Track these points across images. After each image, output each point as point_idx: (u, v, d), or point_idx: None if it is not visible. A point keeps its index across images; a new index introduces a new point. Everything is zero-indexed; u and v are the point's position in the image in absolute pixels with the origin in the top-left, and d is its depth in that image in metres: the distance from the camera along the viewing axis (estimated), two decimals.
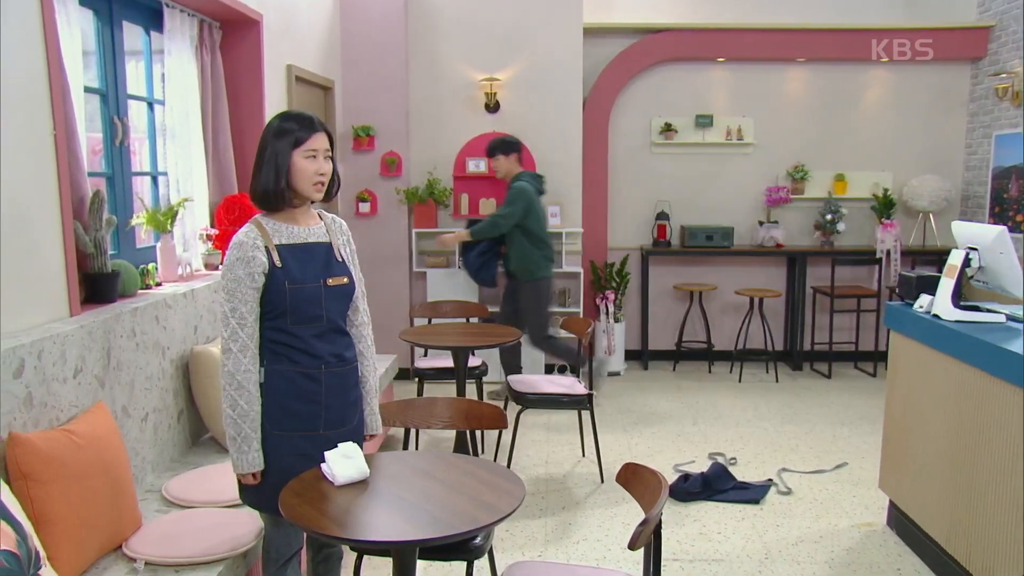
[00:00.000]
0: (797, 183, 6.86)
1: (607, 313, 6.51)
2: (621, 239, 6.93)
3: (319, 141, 2.38)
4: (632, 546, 1.99)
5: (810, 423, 5.45)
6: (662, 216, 6.77)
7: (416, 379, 5.00)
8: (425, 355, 5.26)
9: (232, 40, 4.44)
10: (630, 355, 6.95)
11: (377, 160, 6.27)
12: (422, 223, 6.35)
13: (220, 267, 2.29)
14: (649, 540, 2.11)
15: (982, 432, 3.03)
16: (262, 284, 2.33)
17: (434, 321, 5.23)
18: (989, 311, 3.38)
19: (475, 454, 4.39)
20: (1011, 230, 6.20)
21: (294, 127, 2.36)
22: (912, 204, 6.74)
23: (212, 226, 4.14)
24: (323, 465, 2.35)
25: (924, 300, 3.60)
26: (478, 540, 2.67)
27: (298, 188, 2.37)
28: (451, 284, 6.32)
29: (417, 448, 4.85)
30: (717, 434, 5.22)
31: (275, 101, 4.78)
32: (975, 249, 3.41)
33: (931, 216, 6.82)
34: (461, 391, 4.47)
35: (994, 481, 2.94)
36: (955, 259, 3.43)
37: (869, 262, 6.61)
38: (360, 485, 2.31)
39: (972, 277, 3.49)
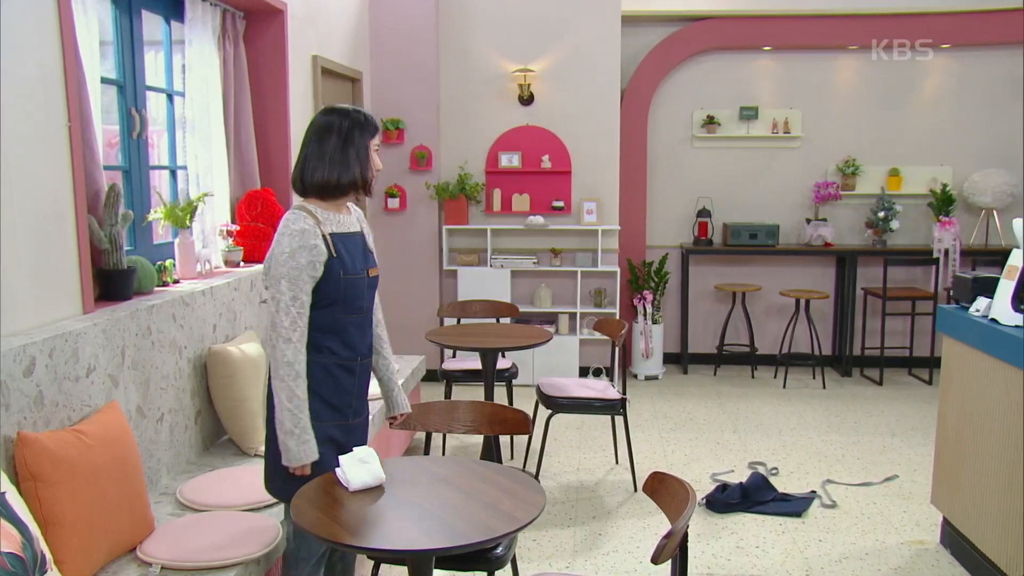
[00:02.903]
0: (847, 179, 6.72)
1: (645, 314, 6.44)
2: (660, 237, 6.86)
3: (379, 136, 2.59)
4: (655, 560, 1.94)
5: (858, 433, 5.33)
6: (703, 213, 6.69)
7: (444, 381, 4.99)
8: (454, 356, 5.25)
9: (256, 30, 4.47)
10: (669, 358, 6.88)
11: (407, 154, 6.28)
12: (453, 219, 6.35)
13: (270, 254, 2.40)
14: (675, 554, 2.07)
15: None
16: (320, 273, 2.41)
17: (463, 321, 5.22)
18: None
19: (501, 459, 4.37)
20: None
21: (367, 121, 2.53)
22: (973, 200, 6.57)
23: (233, 222, 4.18)
24: (337, 470, 2.35)
25: (981, 303, 3.49)
26: (499, 550, 2.64)
27: (368, 180, 2.55)
28: (483, 283, 6.30)
29: (444, 454, 4.84)
30: (758, 443, 5.13)
31: (300, 93, 4.81)
32: None
33: (994, 213, 6.64)
34: (489, 394, 4.45)
35: None
36: (1016, 259, 3.32)
37: (925, 262, 6.46)
38: (375, 491, 2.30)
39: None
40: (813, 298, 6.44)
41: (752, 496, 4.21)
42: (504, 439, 5.10)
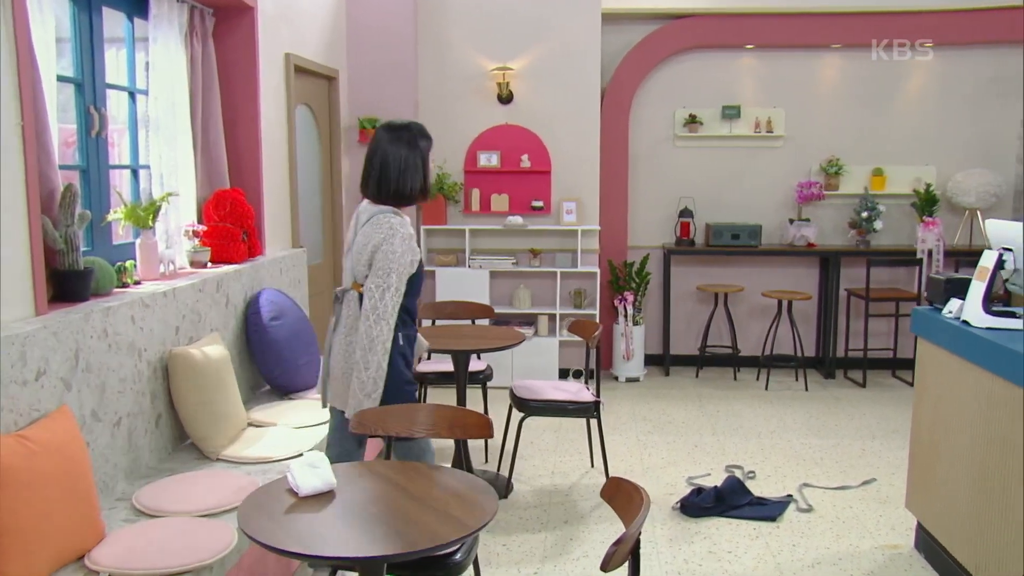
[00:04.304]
0: (831, 178, 6.73)
1: (626, 315, 6.44)
2: (641, 237, 6.86)
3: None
4: (604, 567, 1.93)
5: (838, 436, 5.34)
6: (685, 213, 6.69)
7: (417, 383, 4.97)
8: (428, 358, 5.23)
9: (226, 28, 4.44)
10: (651, 360, 6.87)
11: None
12: (431, 219, 6.34)
13: (383, 251, 3.00)
14: (625, 561, 2.06)
15: (1013, 451, 2.93)
16: (415, 270, 3.05)
17: (438, 322, 5.21)
18: None
19: (469, 463, 4.38)
20: None
21: (426, 133, 3.12)
22: (957, 200, 6.59)
23: (199, 222, 4.16)
24: (288, 475, 2.33)
25: (954, 305, 3.49)
26: (458, 556, 2.63)
27: (430, 187, 3.18)
28: (461, 284, 6.29)
29: None
30: (736, 446, 5.13)
31: (272, 92, 4.79)
32: (1010, 250, 3.30)
33: (978, 213, 6.65)
34: (461, 397, 4.44)
35: None
36: (987, 260, 3.32)
37: (909, 263, 6.47)
38: (325, 496, 2.29)
39: (1008, 280, 3.38)
40: (795, 299, 6.44)
41: (727, 500, 4.20)
42: (478, 442, 5.09)
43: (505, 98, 6.31)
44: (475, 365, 4.91)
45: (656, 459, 4.91)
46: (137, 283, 3.46)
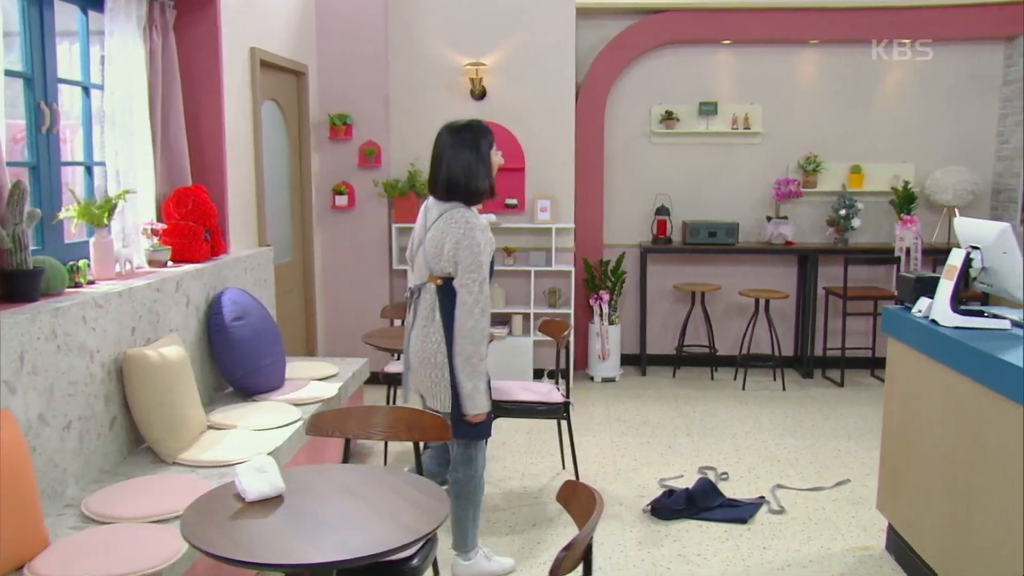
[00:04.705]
0: (809, 175, 6.74)
1: (601, 315, 6.43)
2: (618, 235, 6.85)
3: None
4: (553, 574, 1.91)
5: (814, 436, 5.35)
6: (662, 211, 6.68)
7: (386, 384, 4.95)
8: (397, 359, 5.20)
9: (188, 21, 4.40)
10: (627, 360, 6.87)
11: (355, 150, 6.22)
12: (403, 217, 6.30)
13: (466, 246, 3.17)
14: (577, 566, 2.04)
15: (979, 452, 2.93)
16: (490, 260, 3.25)
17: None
18: (995, 316, 3.27)
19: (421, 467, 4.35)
20: None
21: (489, 132, 3.31)
22: (935, 198, 6.61)
23: (159, 220, 4.11)
24: (235, 479, 2.30)
25: (923, 304, 3.49)
26: (414, 561, 2.61)
27: (493, 184, 3.31)
28: None
29: (386, 461, 4.80)
30: (711, 446, 5.13)
31: (237, 87, 4.75)
32: (977, 248, 3.31)
33: (956, 211, 6.67)
34: None
35: (993, 507, 2.83)
36: (955, 259, 3.32)
37: (886, 261, 6.49)
38: (273, 502, 2.26)
39: (975, 279, 3.39)
40: (773, 298, 6.45)
41: (698, 502, 4.20)
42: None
43: (478, 94, 6.28)
44: None
45: (629, 460, 4.90)
46: (91, 283, 3.41)
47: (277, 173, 5.62)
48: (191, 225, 4.16)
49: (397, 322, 5.32)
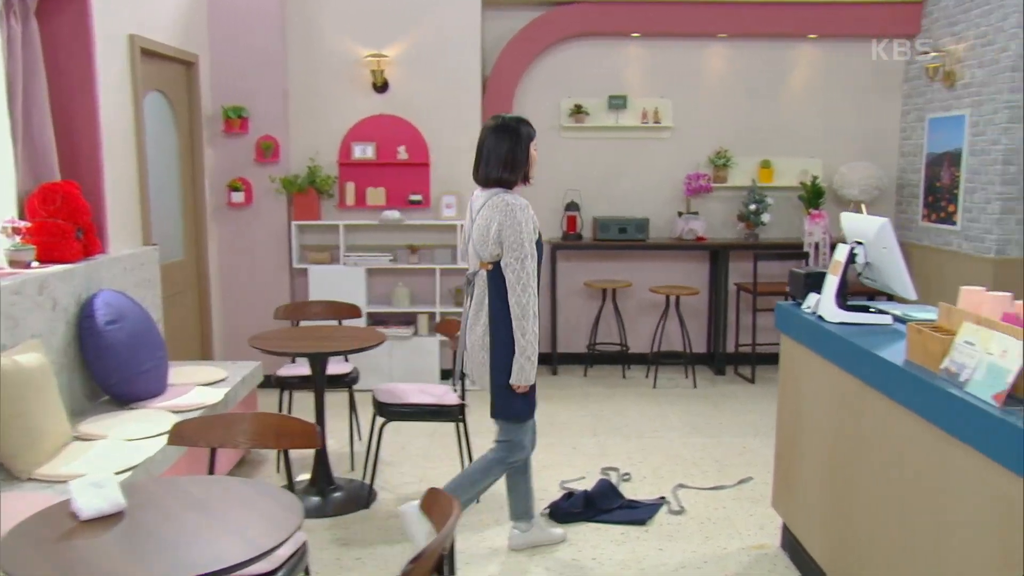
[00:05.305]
0: (719, 171, 6.82)
1: None
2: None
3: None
4: None
5: (721, 434, 5.40)
6: (572, 207, 6.68)
7: (278, 388, 4.83)
8: (293, 362, 5.08)
9: (53, 5, 4.19)
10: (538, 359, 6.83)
11: (251, 145, 6.06)
12: (303, 215, 6.17)
13: (513, 230, 3.41)
14: None
15: (859, 448, 2.97)
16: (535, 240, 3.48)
17: (303, 323, 5.06)
18: (879, 312, 3.33)
19: (329, 476, 4.27)
20: (942, 222, 6.24)
21: (530, 126, 3.55)
22: (842, 193, 6.75)
23: (21, 217, 3.92)
24: (69, 497, 2.19)
25: (812, 299, 3.54)
26: (279, 575, 2.52)
27: (528, 173, 3.59)
28: (336, 282, 6.14)
29: (284, 469, 4.68)
30: (617, 446, 5.13)
31: (114, 77, 4.57)
32: (861, 243, 3.36)
33: (863, 207, 6.80)
34: (320, 402, 4.32)
35: (872, 505, 2.87)
36: (840, 254, 3.37)
37: (796, 256, 6.59)
38: (111, 519, 2.15)
39: (860, 274, 3.44)
40: (684, 294, 6.50)
41: (597, 504, 4.19)
42: (343, 449, 4.97)
43: (380, 86, 6.18)
44: (340, 368, 4.80)
45: (532, 463, 4.86)
46: None
47: (166, 168, 5.43)
48: (60, 223, 3.98)
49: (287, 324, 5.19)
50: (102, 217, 4.44)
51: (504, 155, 3.47)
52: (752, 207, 6.67)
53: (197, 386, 4.36)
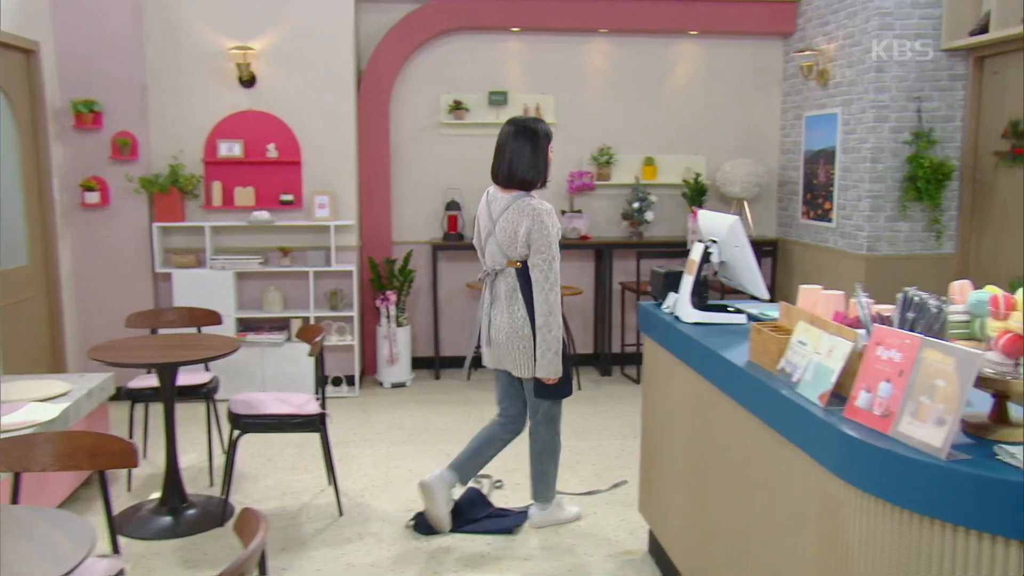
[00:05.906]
0: (603, 168, 6.83)
1: (388, 316, 6.27)
2: (408, 232, 6.71)
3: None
4: None
5: (600, 436, 5.39)
6: (453, 206, 6.60)
7: (129, 401, 4.60)
8: (149, 372, 4.84)
9: None
10: (421, 363, 6.75)
11: (106, 142, 5.78)
12: (165, 216, 5.91)
13: (538, 230, 3.67)
14: None
15: (711, 451, 2.96)
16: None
17: (162, 331, 4.83)
18: (736, 311, 3.33)
19: (182, 493, 4.09)
20: (819, 219, 6.38)
21: (548, 129, 3.82)
22: (725, 190, 6.84)
23: None
24: None
25: (671, 299, 3.53)
26: None
27: (547, 175, 3.82)
28: (202, 286, 5.91)
29: (130, 487, 4.45)
30: None
31: None
32: (715, 241, 3.36)
33: (746, 204, 6.94)
34: (169, 414, 4.12)
35: (722, 508, 2.86)
36: (695, 253, 3.37)
37: (679, 254, 6.62)
38: None
39: (716, 273, 3.45)
40: (568, 294, 6.47)
41: (464, 514, 4.10)
42: (201, 464, 4.77)
43: (247, 81, 5.97)
44: (198, 378, 4.60)
45: (403, 472, 4.76)
46: None
47: (5, 167, 5.12)
48: None
49: (141, 333, 4.95)
50: None
51: (527, 158, 3.72)
52: (636, 205, 6.71)
53: (32, 402, 4.10)
